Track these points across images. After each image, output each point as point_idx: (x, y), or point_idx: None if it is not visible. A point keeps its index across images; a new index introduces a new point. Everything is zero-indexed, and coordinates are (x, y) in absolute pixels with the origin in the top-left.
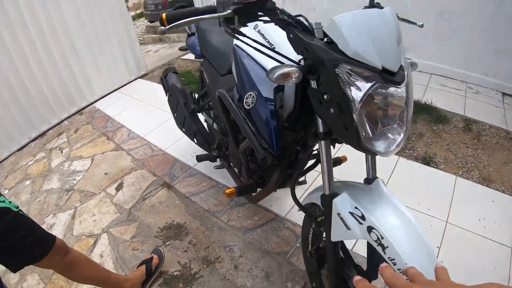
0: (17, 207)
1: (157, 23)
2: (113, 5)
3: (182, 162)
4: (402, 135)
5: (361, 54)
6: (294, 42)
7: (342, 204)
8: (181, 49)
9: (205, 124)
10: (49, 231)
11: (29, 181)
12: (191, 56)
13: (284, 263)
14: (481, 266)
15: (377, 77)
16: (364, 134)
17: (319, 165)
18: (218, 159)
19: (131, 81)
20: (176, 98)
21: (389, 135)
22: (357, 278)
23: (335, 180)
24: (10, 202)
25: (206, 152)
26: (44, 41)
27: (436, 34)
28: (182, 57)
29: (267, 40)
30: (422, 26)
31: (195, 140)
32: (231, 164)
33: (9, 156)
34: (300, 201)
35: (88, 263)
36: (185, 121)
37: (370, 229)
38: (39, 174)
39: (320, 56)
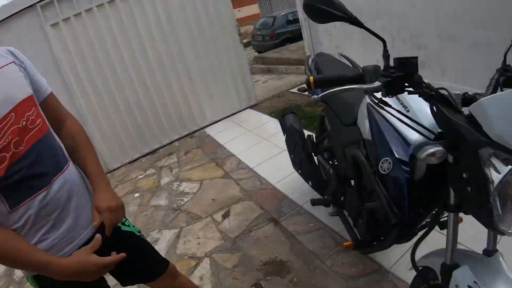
0: (139, 232)
1: (265, 54)
2: (227, 39)
3: (291, 200)
4: None
5: (504, 138)
6: (438, 117)
7: (462, 277)
8: (300, 90)
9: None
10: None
11: (138, 193)
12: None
13: None
14: None
15: None
16: (497, 216)
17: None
18: (331, 205)
19: (241, 110)
20: (294, 140)
21: None
22: None
23: None
24: (133, 226)
25: (319, 196)
26: (162, 68)
27: None
28: (291, 90)
29: (400, 102)
30: None
31: (309, 182)
32: (344, 212)
33: (120, 167)
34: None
35: None
36: (302, 163)
37: None
38: (148, 189)
39: (463, 136)
